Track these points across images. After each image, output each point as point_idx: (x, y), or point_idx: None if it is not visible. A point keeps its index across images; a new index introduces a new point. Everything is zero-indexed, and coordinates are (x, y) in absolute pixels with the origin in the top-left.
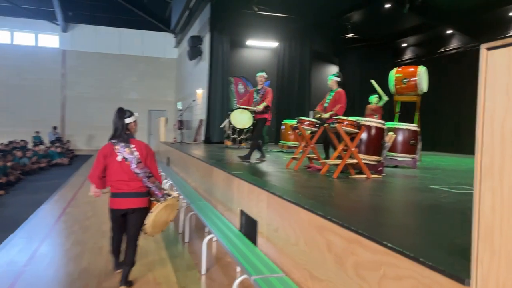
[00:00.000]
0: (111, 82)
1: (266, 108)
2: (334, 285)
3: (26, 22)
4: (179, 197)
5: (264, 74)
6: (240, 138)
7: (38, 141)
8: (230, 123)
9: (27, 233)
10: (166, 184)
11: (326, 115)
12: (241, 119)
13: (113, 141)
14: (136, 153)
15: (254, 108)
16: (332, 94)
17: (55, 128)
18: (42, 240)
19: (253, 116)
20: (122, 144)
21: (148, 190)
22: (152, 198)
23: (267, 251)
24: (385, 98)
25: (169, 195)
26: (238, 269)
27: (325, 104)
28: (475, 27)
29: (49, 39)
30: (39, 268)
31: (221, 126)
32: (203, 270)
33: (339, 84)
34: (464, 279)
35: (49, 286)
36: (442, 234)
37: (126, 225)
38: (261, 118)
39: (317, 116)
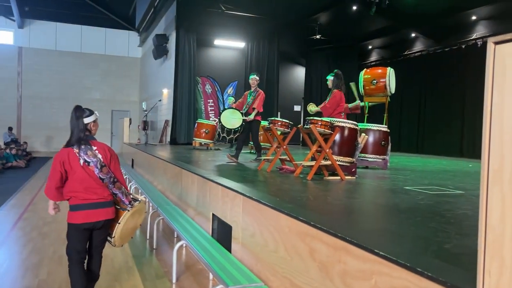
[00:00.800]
0: (72, 81)
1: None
2: None
3: None
4: (146, 201)
5: (255, 76)
6: (229, 137)
7: None
8: (219, 121)
9: None
10: (131, 187)
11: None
12: (231, 119)
13: (70, 145)
14: (99, 156)
15: (245, 118)
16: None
17: (10, 129)
18: None
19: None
20: (83, 146)
21: (114, 198)
22: (117, 207)
23: (242, 258)
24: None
25: (136, 200)
26: (211, 276)
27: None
28: (438, 31)
29: (4, 35)
30: None
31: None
32: (174, 279)
33: (336, 84)
34: None
35: None
36: (428, 239)
37: (92, 242)
38: (254, 120)
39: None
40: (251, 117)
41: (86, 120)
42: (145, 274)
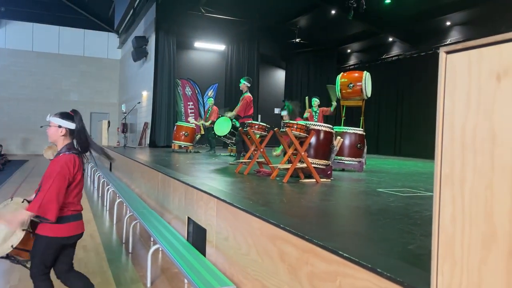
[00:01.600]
0: (49, 83)
1: (239, 115)
2: None
3: None
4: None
5: (243, 82)
6: (229, 142)
7: None
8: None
9: None
10: (109, 191)
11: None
12: (221, 127)
13: (74, 152)
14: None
15: (229, 114)
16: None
17: None
18: None
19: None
20: (83, 155)
21: None
22: None
23: (216, 261)
24: (334, 103)
25: None
26: (186, 281)
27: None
28: (414, 36)
29: None
30: None
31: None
32: (148, 283)
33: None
34: None
35: None
36: (394, 240)
37: (64, 259)
38: (241, 124)
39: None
40: (230, 114)
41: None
42: (119, 278)
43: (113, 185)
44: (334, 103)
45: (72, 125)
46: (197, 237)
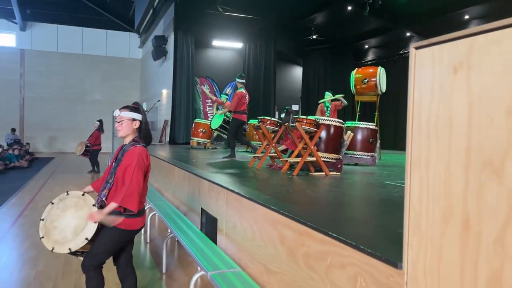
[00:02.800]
0: (73, 83)
1: (230, 111)
2: (287, 277)
3: None
4: None
5: (236, 79)
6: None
7: None
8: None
9: None
10: None
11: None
12: (215, 121)
13: (143, 144)
14: None
15: (220, 111)
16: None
17: (13, 130)
18: None
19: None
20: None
21: None
22: None
23: (226, 248)
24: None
25: None
26: (198, 268)
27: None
28: (431, 30)
29: (6, 38)
30: None
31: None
32: (164, 269)
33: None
34: (397, 263)
35: None
36: (387, 226)
37: (128, 248)
38: (232, 119)
39: None
40: (222, 111)
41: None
42: (137, 266)
43: None
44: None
45: (140, 117)
46: (209, 226)
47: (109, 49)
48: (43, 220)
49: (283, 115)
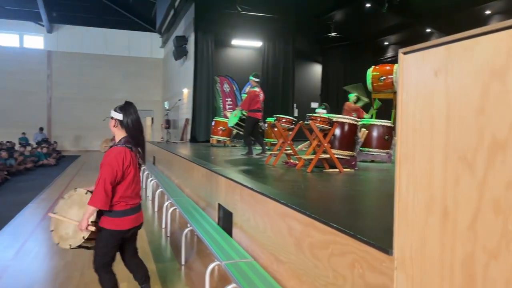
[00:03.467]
0: (97, 83)
1: (243, 109)
2: (295, 266)
3: (10, 23)
4: None
5: (250, 78)
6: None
7: (24, 142)
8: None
9: (13, 231)
10: (151, 182)
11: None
12: (232, 118)
13: (128, 145)
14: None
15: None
16: None
17: (41, 129)
18: (28, 236)
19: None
20: (139, 148)
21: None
22: None
23: (240, 240)
24: (365, 99)
25: None
26: (214, 259)
27: None
28: (452, 26)
29: (34, 40)
30: (24, 262)
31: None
32: (183, 261)
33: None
34: (388, 250)
35: (34, 277)
36: (386, 218)
37: (127, 244)
38: (247, 117)
39: None
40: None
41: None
42: (158, 258)
43: (155, 177)
44: (365, 99)
45: (120, 116)
46: (226, 220)
47: (131, 49)
48: (55, 213)
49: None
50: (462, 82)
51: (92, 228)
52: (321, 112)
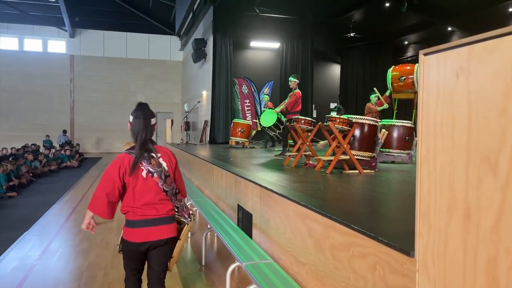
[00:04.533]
0: (118, 86)
1: (286, 109)
2: (315, 267)
3: (34, 28)
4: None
5: (293, 79)
6: (273, 134)
7: (48, 144)
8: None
9: (39, 231)
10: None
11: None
12: (267, 118)
13: (133, 152)
14: (164, 164)
15: (276, 109)
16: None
17: (64, 131)
18: (53, 237)
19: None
20: (146, 154)
21: (175, 212)
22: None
23: (260, 241)
24: (385, 106)
25: (192, 214)
26: (235, 260)
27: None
28: (474, 24)
29: (57, 44)
30: (50, 262)
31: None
32: (203, 261)
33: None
34: (410, 252)
35: (59, 277)
36: (407, 219)
37: (150, 264)
38: (289, 119)
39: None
40: (277, 109)
41: (153, 121)
42: (179, 259)
43: None
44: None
45: (130, 118)
46: (245, 221)
47: (151, 52)
48: None
49: (333, 114)
50: (484, 83)
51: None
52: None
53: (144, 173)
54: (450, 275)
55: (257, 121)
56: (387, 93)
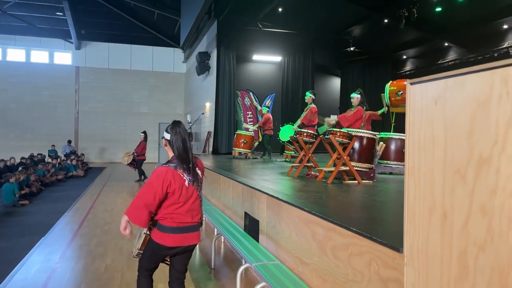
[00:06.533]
0: (122, 97)
1: (303, 124)
2: (318, 267)
3: (41, 41)
4: None
5: (309, 95)
6: (292, 148)
7: (53, 154)
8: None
9: (55, 237)
10: None
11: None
12: (285, 133)
13: (172, 165)
14: (199, 173)
15: (295, 125)
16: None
17: (69, 141)
18: (69, 242)
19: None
20: (185, 165)
21: (201, 219)
22: None
23: (267, 246)
24: (384, 109)
25: None
26: (243, 262)
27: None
28: (469, 40)
29: (63, 56)
30: (69, 265)
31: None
32: (212, 265)
33: (360, 102)
34: (399, 248)
35: (80, 277)
36: (400, 223)
37: (175, 266)
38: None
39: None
40: (295, 126)
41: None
42: (189, 263)
43: None
44: (385, 108)
45: (168, 136)
46: (252, 227)
47: (155, 64)
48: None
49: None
50: (456, 110)
51: (127, 232)
52: (356, 97)
53: (186, 183)
54: (431, 266)
55: (256, 130)
56: (379, 112)
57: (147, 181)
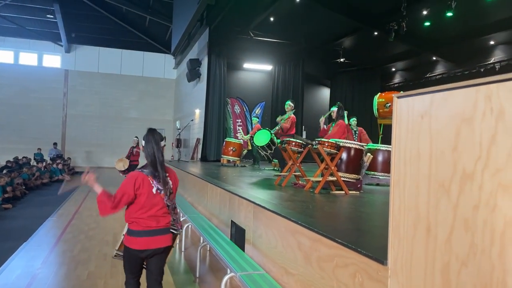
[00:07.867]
0: (111, 101)
1: (282, 130)
2: (303, 277)
3: (30, 42)
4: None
5: (289, 103)
6: (264, 154)
7: (39, 158)
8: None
9: (38, 242)
10: None
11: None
12: (260, 138)
13: (145, 171)
14: (170, 183)
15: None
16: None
17: (55, 144)
18: (52, 247)
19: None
20: (156, 173)
21: (172, 224)
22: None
23: (252, 255)
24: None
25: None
26: (228, 271)
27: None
28: (457, 55)
29: (53, 59)
30: (51, 271)
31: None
32: (197, 273)
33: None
34: (383, 261)
35: (62, 284)
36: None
37: (149, 268)
38: (282, 141)
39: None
40: (273, 131)
41: (162, 143)
42: (174, 271)
43: None
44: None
45: (143, 143)
46: (238, 236)
47: (145, 69)
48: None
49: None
50: (441, 124)
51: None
52: (334, 111)
53: (154, 190)
54: (414, 280)
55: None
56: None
57: (122, 183)
